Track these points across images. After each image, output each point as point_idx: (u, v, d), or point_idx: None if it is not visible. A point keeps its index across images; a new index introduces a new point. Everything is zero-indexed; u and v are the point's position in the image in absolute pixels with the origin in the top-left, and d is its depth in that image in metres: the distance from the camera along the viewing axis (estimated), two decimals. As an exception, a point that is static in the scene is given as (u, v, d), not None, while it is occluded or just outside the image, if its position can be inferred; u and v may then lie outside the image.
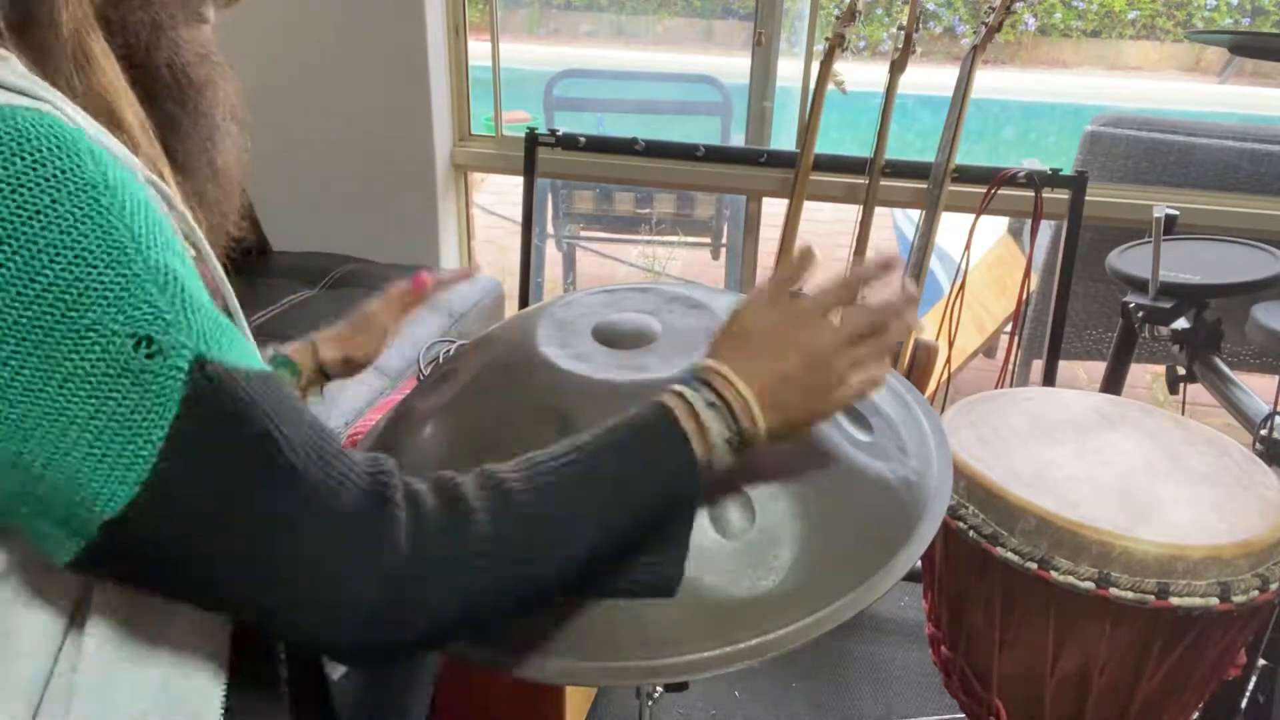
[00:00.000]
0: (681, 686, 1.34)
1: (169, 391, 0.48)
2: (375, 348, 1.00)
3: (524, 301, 2.32)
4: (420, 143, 2.29)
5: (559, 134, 2.14)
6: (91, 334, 0.47)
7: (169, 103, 0.64)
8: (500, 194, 4.23)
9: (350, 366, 0.99)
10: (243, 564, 0.51)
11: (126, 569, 0.52)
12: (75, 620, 0.55)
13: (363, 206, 2.37)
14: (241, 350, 0.53)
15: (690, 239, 3.36)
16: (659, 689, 1.23)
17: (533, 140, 2.15)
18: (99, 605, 0.55)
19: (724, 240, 3.22)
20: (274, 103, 2.28)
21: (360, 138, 2.30)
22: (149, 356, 0.48)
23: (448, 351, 1.79)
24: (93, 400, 0.47)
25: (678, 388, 0.65)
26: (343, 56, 2.22)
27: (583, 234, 3.36)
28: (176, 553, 0.50)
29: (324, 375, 0.98)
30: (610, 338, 0.84)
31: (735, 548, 0.70)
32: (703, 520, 0.71)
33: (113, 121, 0.57)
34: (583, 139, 2.13)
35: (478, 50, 2.34)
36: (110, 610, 0.55)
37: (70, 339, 0.46)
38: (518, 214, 2.28)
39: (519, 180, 2.22)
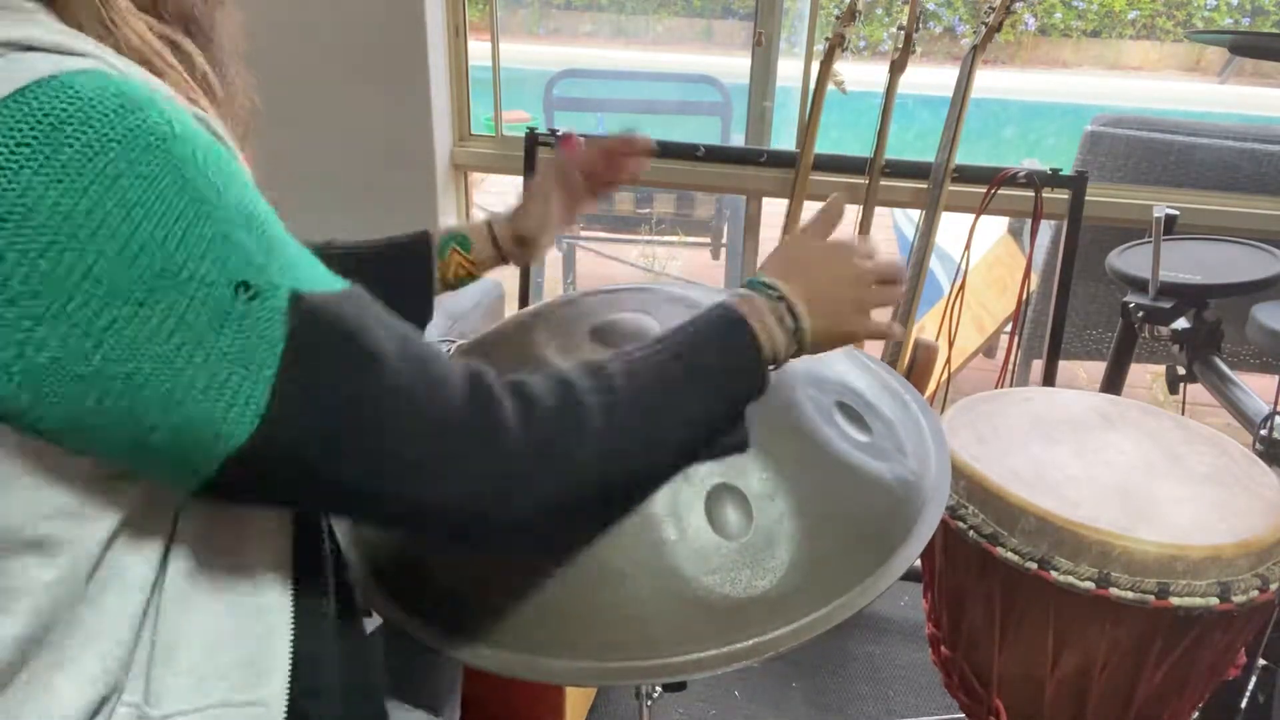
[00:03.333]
0: (681, 686, 1.34)
1: (272, 330, 0.50)
2: (543, 219, 0.97)
3: (524, 301, 2.32)
4: (420, 143, 2.29)
5: (559, 134, 2.14)
6: (189, 286, 0.47)
7: (185, 41, 0.62)
8: (500, 194, 4.23)
9: (526, 245, 0.97)
10: (365, 475, 0.54)
11: (246, 491, 0.54)
12: (165, 547, 0.57)
13: (363, 206, 2.37)
14: (322, 272, 0.55)
15: (690, 239, 3.37)
16: (659, 689, 1.23)
17: (533, 140, 2.15)
18: (179, 538, 0.57)
19: (724, 240, 3.22)
20: (274, 103, 2.27)
21: (360, 138, 2.30)
22: (249, 300, 0.49)
23: (448, 351, 1.78)
24: (200, 350, 0.48)
25: (744, 292, 0.72)
26: (343, 56, 2.22)
27: (583, 234, 3.36)
28: (301, 474, 0.53)
29: (501, 256, 0.97)
30: (609, 338, 0.84)
31: (734, 548, 0.70)
32: (701, 521, 0.71)
33: (152, 71, 0.56)
34: (583, 139, 2.13)
35: (478, 50, 2.34)
36: (187, 542, 0.57)
37: (169, 295, 0.47)
38: (518, 214, 2.28)
39: (519, 180, 2.21)
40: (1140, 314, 1.43)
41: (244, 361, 0.49)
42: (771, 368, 0.71)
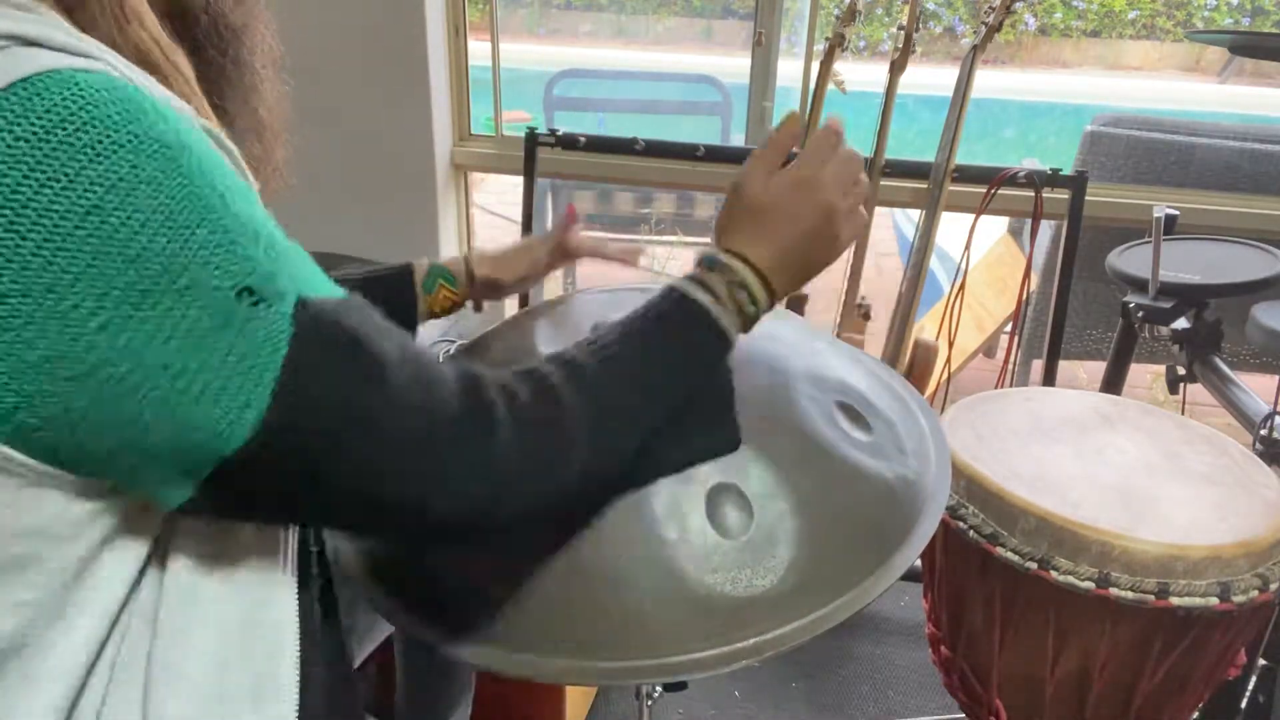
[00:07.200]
0: (681, 686, 1.34)
1: (276, 335, 0.50)
2: (524, 273, 1.01)
3: (524, 301, 2.32)
4: (420, 143, 2.29)
5: (559, 134, 2.14)
6: (191, 293, 0.47)
7: (209, 50, 0.62)
8: (500, 194, 4.23)
9: (496, 289, 1.01)
10: (362, 481, 0.54)
11: (239, 501, 0.53)
12: (154, 559, 0.55)
13: (363, 206, 2.37)
14: (324, 281, 0.55)
15: (690, 239, 3.37)
16: (659, 689, 1.23)
17: (533, 140, 2.15)
18: (181, 545, 0.56)
19: (724, 240, 3.22)
20: (274, 103, 2.28)
21: (360, 137, 2.30)
22: (252, 305, 0.49)
23: (448, 351, 1.78)
24: (198, 355, 0.48)
25: (699, 275, 0.70)
26: (343, 56, 2.22)
27: (583, 234, 3.36)
28: (296, 480, 0.53)
29: (470, 291, 1.00)
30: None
31: (734, 547, 0.70)
32: (701, 521, 0.71)
33: (155, 75, 0.55)
34: (583, 139, 2.13)
35: (478, 50, 2.34)
36: (192, 549, 0.56)
37: (167, 299, 0.46)
38: (518, 214, 2.28)
39: (519, 180, 2.21)
40: (1140, 314, 1.43)
41: (245, 366, 0.49)
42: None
